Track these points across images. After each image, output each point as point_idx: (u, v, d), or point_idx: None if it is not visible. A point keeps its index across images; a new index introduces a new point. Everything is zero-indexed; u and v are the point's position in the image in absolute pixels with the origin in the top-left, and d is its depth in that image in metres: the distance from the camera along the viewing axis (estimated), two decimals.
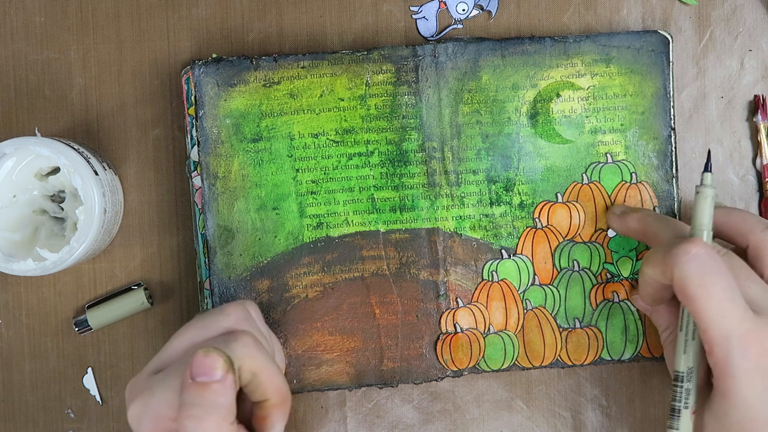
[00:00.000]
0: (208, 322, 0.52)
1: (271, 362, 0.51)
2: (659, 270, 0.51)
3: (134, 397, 0.50)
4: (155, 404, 0.49)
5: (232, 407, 0.48)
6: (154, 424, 0.49)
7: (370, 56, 0.58)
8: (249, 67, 0.58)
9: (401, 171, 0.59)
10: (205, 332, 0.52)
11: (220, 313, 0.53)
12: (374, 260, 0.59)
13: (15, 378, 0.61)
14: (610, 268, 0.59)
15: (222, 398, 0.47)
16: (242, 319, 0.53)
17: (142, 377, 0.51)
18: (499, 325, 0.59)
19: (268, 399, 0.51)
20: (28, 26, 0.61)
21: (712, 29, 0.61)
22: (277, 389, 0.51)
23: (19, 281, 0.61)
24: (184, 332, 0.52)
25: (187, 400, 0.47)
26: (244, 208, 0.58)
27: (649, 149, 0.59)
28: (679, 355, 0.53)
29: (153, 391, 0.49)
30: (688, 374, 0.52)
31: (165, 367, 0.51)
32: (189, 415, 0.47)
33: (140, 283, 0.61)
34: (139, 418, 0.49)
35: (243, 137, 0.58)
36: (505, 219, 0.59)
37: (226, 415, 0.48)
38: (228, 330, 0.52)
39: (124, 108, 0.61)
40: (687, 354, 0.52)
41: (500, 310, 0.59)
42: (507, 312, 0.59)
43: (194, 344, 0.51)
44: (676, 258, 0.50)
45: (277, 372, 0.51)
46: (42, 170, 0.58)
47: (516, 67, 0.59)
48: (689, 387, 0.52)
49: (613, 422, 0.62)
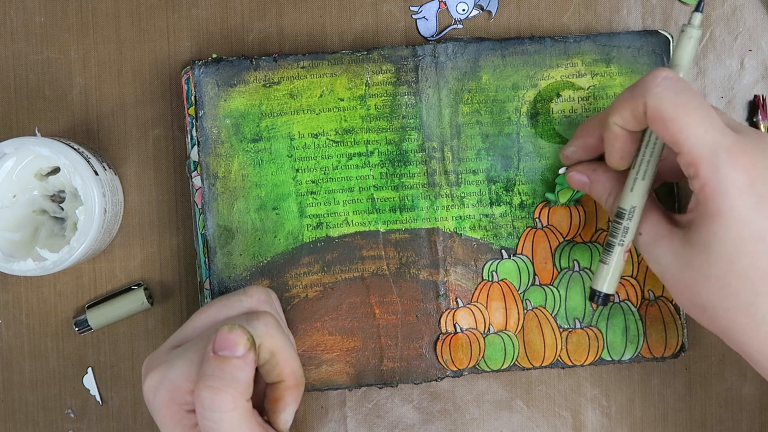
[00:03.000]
0: (231, 302, 0.53)
1: (289, 345, 0.52)
2: (628, 109, 0.49)
3: (152, 369, 0.51)
4: (173, 376, 0.49)
5: (249, 384, 0.49)
6: (170, 395, 0.49)
7: (370, 56, 0.58)
8: (249, 67, 0.58)
9: (401, 171, 0.59)
10: (227, 311, 0.53)
11: (243, 294, 0.54)
12: (374, 260, 0.59)
13: (15, 378, 0.61)
14: (550, 196, 0.59)
15: (241, 374, 0.48)
16: (264, 301, 0.54)
17: (161, 352, 0.52)
18: (499, 325, 0.59)
19: (283, 381, 0.52)
20: (28, 26, 0.61)
21: (712, 29, 0.61)
22: (293, 372, 0.52)
23: (19, 281, 0.61)
24: (206, 310, 0.53)
25: (207, 371, 0.48)
26: (244, 208, 0.58)
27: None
28: (626, 193, 0.53)
29: (172, 364, 0.50)
30: (629, 212, 0.52)
31: (184, 342, 0.52)
32: (208, 385, 0.47)
33: (140, 283, 0.61)
34: (155, 389, 0.50)
35: (243, 137, 0.58)
36: (505, 219, 0.59)
37: (244, 390, 0.48)
38: (249, 310, 0.53)
39: (124, 108, 0.61)
40: (633, 192, 0.52)
41: (500, 310, 0.59)
42: (507, 312, 0.59)
43: (215, 321, 0.52)
44: (646, 86, 0.48)
45: (294, 355, 0.52)
46: (42, 170, 0.58)
47: (516, 67, 0.59)
48: (628, 225, 0.53)
49: (613, 422, 0.62)
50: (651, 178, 0.52)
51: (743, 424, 0.62)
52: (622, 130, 0.51)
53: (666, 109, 0.47)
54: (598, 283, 0.55)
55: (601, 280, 0.54)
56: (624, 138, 0.51)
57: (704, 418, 0.62)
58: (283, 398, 0.52)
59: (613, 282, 0.54)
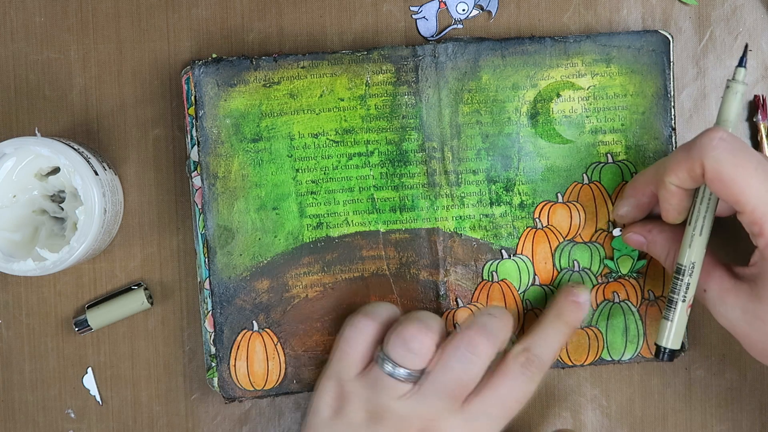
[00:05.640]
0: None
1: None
2: (684, 170, 0.50)
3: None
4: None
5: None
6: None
7: (370, 56, 0.58)
8: (249, 67, 0.58)
9: (401, 171, 0.59)
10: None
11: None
12: (374, 260, 0.59)
13: (15, 378, 0.61)
14: (610, 264, 0.59)
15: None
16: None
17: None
18: None
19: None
20: (28, 26, 0.61)
21: (712, 29, 0.61)
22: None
23: (19, 281, 0.61)
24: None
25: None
26: (244, 208, 0.58)
27: (650, 149, 0.59)
28: (684, 249, 0.53)
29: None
30: (689, 268, 0.53)
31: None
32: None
33: (140, 283, 0.61)
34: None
35: (243, 137, 0.58)
36: (505, 219, 0.59)
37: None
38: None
39: (124, 108, 0.61)
40: (691, 249, 0.53)
41: None
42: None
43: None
44: (702, 148, 0.49)
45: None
46: (42, 170, 0.58)
47: (516, 67, 0.59)
48: (689, 281, 0.53)
49: (613, 422, 0.62)
50: (708, 233, 0.53)
51: (743, 424, 0.62)
52: (678, 189, 0.52)
53: (725, 172, 0.48)
54: (662, 339, 0.55)
55: (665, 337, 0.55)
56: (680, 195, 0.52)
57: (704, 418, 0.62)
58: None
59: (678, 337, 0.55)
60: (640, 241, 0.57)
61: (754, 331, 0.51)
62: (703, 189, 0.53)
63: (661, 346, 0.55)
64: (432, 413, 0.53)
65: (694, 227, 0.53)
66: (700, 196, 0.53)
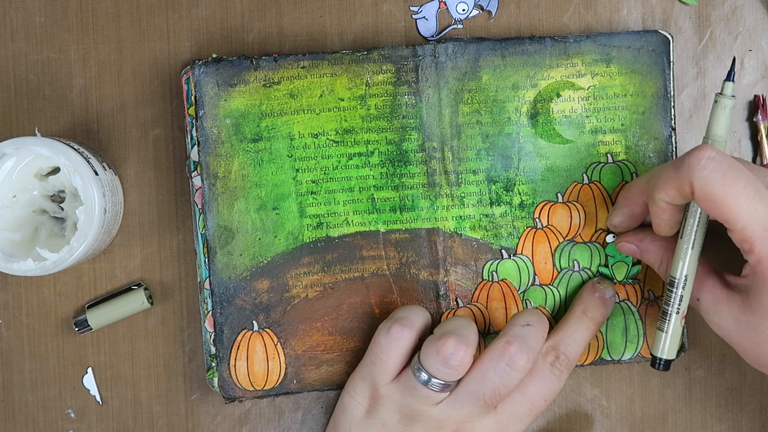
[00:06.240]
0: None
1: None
2: (673, 187, 0.50)
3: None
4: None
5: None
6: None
7: (370, 56, 0.58)
8: (249, 67, 0.58)
9: (401, 171, 0.59)
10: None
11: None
12: (374, 260, 0.59)
13: (15, 378, 0.61)
14: (605, 271, 0.59)
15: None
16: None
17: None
18: (499, 325, 0.59)
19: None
20: (28, 26, 0.61)
21: (712, 29, 0.61)
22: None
23: (19, 281, 0.61)
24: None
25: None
26: (244, 208, 0.58)
27: (650, 149, 0.59)
28: (677, 262, 0.53)
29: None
30: (682, 281, 0.53)
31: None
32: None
33: (140, 283, 0.61)
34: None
35: (243, 137, 0.58)
36: (505, 219, 0.59)
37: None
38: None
39: (124, 108, 0.61)
40: (684, 262, 0.53)
41: (500, 310, 0.59)
42: (507, 312, 0.59)
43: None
44: (691, 167, 0.49)
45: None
46: (42, 170, 0.58)
47: (516, 67, 0.59)
48: (682, 293, 0.53)
49: (613, 422, 0.62)
50: (700, 246, 0.53)
51: (743, 424, 0.62)
52: (668, 205, 0.52)
53: (715, 192, 0.48)
54: (657, 350, 0.55)
55: (660, 348, 0.55)
56: (671, 211, 0.52)
57: (704, 418, 0.62)
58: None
59: (673, 348, 0.55)
60: (632, 249, 0.57)
61: (746, 341, 0.52)
62: (694, 203, 0.53)
63: (658, 357, 0.55)
64: (465, 417, 0.55)
65: (685, 241, 0.53)
66: (691, 210, 0.53)
